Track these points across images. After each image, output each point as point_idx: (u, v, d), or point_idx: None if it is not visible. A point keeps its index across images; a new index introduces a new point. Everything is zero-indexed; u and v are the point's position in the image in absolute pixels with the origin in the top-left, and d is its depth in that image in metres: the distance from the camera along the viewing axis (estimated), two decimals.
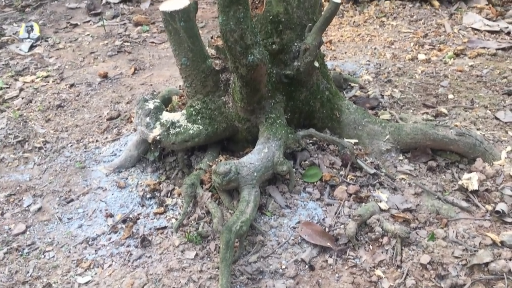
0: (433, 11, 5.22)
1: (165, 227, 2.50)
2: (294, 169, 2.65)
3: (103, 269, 2.31)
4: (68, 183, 2.90)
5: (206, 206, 2.50)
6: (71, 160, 3.11)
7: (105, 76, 4.23)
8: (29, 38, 5.00)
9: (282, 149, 2.57)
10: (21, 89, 4.05)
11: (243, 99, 2.55)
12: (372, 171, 2.68)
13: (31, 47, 4.89)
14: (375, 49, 4.47)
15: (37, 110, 3.72)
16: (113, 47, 4.83)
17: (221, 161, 2.68)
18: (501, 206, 2.41)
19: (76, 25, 5.50)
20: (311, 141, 2.88)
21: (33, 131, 3.44)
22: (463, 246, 2.26)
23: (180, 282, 2.18)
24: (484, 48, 4.31)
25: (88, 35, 5.19)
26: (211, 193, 2.55)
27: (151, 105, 2.74)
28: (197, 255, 2.31)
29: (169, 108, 3.05)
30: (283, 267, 2.22)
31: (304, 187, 2.62)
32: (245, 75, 2.34)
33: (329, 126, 2.95)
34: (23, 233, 2.56)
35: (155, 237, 2.45)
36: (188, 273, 2.22)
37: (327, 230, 2.38)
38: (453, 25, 4.84)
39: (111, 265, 2.32)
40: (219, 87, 2.71)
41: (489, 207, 2.45)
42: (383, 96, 3.53)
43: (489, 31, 4.67)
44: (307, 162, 2.74)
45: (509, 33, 4.60)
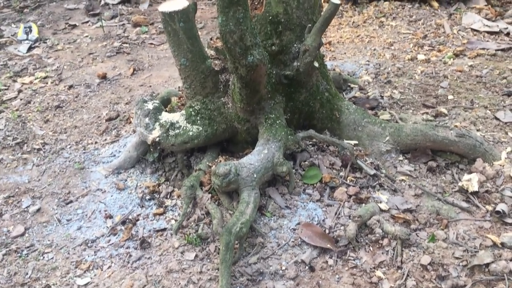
0: (432, 11, 5.22)
1: (165, 229, 2.49)
2: (294, 170, 2.64)
3: (102, 270, 2.30)
4: (67, 185, 2.89)
5: (205, 207, 2.50)
6: (70, 161, 3.10)
7: (104, 77, 4.23)
8: (27, 39, 4.99)
9: (281, 150, 2.56)
10: (20, 90, 4.03)
11: (242, 100, 2.54)
12: (372, 172, 2.67)
13: (30, 48, 4.88)
14: (375, 49, 4.47)
15: (36, 111, 3.71)
16: (111, 48, 4.83)
17: (220, 162, 2.67)
18: (501, 206, 2.41)
19: (74, 26, 5.50)
20: (311, 142, 2.87)
21: (32, 132, 3.43)
22: (463, 247, 2.25)
23: (179, 283, 2.17)
24: (483, 48, 4.31)
25: (86, 36, 5.19)
26: (210, 195, 2.54)
27: (150, 106, 2.74)
28: (196, 256, 2.30)
29: (168, 109, 3.04)
30: (283, 268, 2.22)
31: (304, 188, 2.62)
32: (244, 76, 2.34)
33: (329, 127, 2.95)
34: (22, 235, 2.55)
35: (155, 238, 2.44)
36: (187, 274, 2.21)
37: (327, 231, 2.38)
38: (452, 26, 4.84)
39: (110, 267, 2.31)
40: (218, 88, 2.71)
41: (489, 208, 2.45)
42: (382, 96, 3.53)
43: (488, 32, 4.67)
44: (307, 163, 2.73)
45: (508, 34, 4.60)
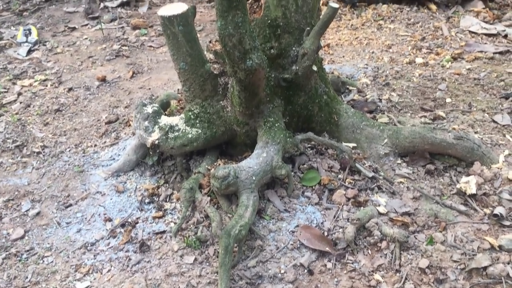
0: (430, 14, 5.24)
1: (164, 232, 2.49)
2: (292, 173, 2.65)
3: (102, 274, 2.30)
4: (66, 188, 2.90)
5: (205, 210, 2.50)
6: (69, 164, 3.11)
7: (103, 80, 4.24)
8: (27, 42, 5.00)
9: (280, 153, 2.57)
10: (19, 93, 4.04)
11: (241, 103, 2.55)
12: (370, 174, 2.68)
13: (29, 51, 4.89)
14: (373, 52, 4.48)
15: (35, 114, 3.72)
16: (111, 51, 4.84)
17: (219, 165, 2.68)
18: (499, 209, 2.42)
19: (74, 29, 5.51)
20: (310, 145, 2.88)
21: (32, 135, 3.44)
22: (461, 250, 2.26)
23: (179, 287, 2.17)
24: (481, 51, 4.32)
25: (86, 39, 5.20)
26: (209, 198, 2.55)
27: (149, 109, 2.75)
28: (196, 259, 2.31)
29: (167, 112, 3.05)
30: (282, 271, 2.22)
31: (302, 191, 2.62)
32: (243, 80, 2.35)
33: (328, 130, 2.96)
34: (22, 238, 2.56)
35: (154, 241, 2.45)
36: (187, 278, 2.22)
37: (326, 234, 2.39)
38: (450, 29, 4.86)
39: (110, 270, 2.32)
40: (217, 91, 2.72)
41: (487, 211, 2.46)
42: (381, 99, 3.54)
43: (486, 34, 4.69)
44: (305, 166, 2.74)
45: (506, 36, 4.62)
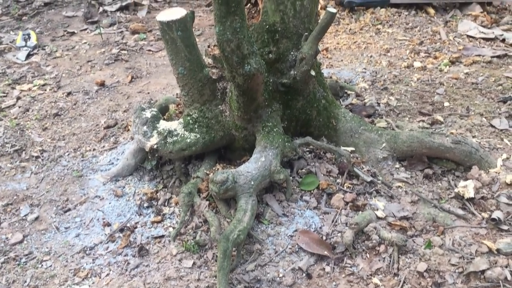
0: (428, 18, 5.26)
1: (163, 236, 2.50)
2: (291, 178, 2.65)
3: (100, 278, 2.30)
4: (65, 192, 2.90)
5: (203, 214, 2.51)
6: (68, 169, 3.11)
7: (102, 84, 4.24)
8: (26, 46, 5.00)
9: (279, 158, 2.58)
10: (18, 98, 4.05)
11: (240, 108, 2.56)
12: (368, 179, 2.69)
13: (28, 56, 4.89)
14: (371, 56, 4.49)
15: (34, 118, 3.72)
16: (110, 55, 4.84)
17: (218, 169, 2.68)
18: (497, 213, 2.43)
19: (73, 33, 5.51)
20: (308, 150, 2.89)
21: (30, 140, 3.44)
22: (459, 253, 2.27)
23: None
24: (479, 55, 4.34)
25: (85, 43, 5.20)
26: (208, 202, 2.55)
27: (148, 113, 2.75)
28: (194, 263, 2.31)
29: (166, 116, 3.06)
30: (281, 275, 2.23)
31: (301, 195, 2.63)
32: (241, 84, 2.36)
33: (326, 134, 2.96)
34: (20, 242, 2.56)
35: (153, 246, 2.45)
36: (185, 282, 2.22)
37: (324, 238, 2.39)
38: (448, 33, 4.87)
39: (108, 274, 2.32)
40: (216, 96, 2.73)
41: (485, 215, 2.46)
42: (379, 104, 3.55)
43: (484, 39, 4.70)
44: (304, 170, 2.75)
45: (504, 40, 4.64)
